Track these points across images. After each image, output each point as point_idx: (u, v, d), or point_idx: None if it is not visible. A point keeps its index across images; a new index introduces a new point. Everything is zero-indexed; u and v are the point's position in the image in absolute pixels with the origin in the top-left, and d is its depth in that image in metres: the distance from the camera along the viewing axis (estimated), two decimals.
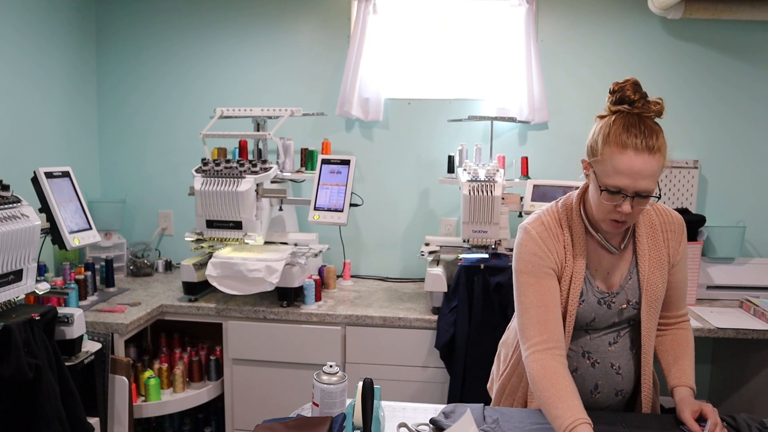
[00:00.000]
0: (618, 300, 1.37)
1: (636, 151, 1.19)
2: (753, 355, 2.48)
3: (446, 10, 2.86)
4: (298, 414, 1.37)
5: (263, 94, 2.94)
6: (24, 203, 1.71)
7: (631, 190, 1.20)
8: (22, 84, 2.53)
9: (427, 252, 2.46)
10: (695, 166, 2.73)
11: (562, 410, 1.20)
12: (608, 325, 1.39)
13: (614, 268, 1.37)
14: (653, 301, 1.36)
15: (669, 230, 1.38)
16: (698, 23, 2.68)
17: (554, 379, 1.25)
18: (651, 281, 1.35)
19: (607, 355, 1.39)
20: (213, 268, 2.30)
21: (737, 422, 1.31)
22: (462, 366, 2.20)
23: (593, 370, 1.39)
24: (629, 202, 1.22)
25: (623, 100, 1.25)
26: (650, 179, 1.20)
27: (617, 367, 1.39)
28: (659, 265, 1.36)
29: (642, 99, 1.24)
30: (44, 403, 1.61)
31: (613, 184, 1.21)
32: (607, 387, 1.39)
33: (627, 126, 1.21)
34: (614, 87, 1.29)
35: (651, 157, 1.19)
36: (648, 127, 1.21)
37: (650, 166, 1.19)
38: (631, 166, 1.19)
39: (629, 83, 1.26)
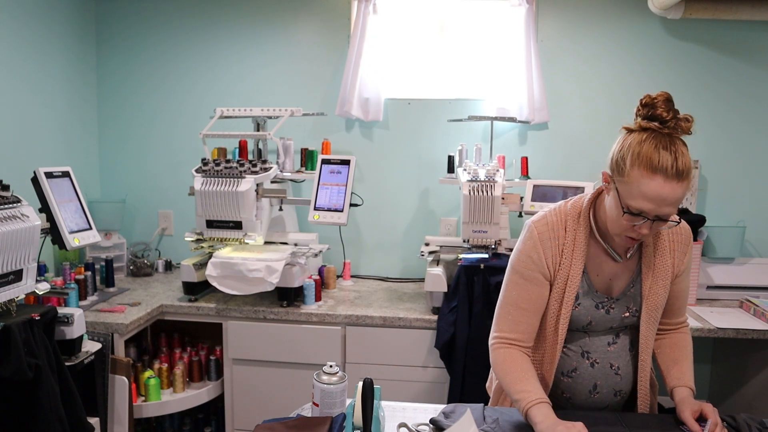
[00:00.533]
0: (618, 306, 1.37)
1: (666, 178, 1.15)
2: (753, 355, 2.48)
3: (446, 10, 2.86)
4: (298, 414, 1.37)
5: (263, 94, 2.94)
6: (24, 203, 1.71)
7: (654, 214, 1.19)
8: (22, 84, 2.53)
9: (427, 252, 2.46)
10: (695, 166, 2.72)
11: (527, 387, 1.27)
12: (605, 329, 1.39)
13: (617, 275, 1.37)
14: (653, 311, 1.36)
15: (676, 240, 1.37)
16: (698, 23, 2.68)
17: (517, 364, 1.33)
18: (653, 292, 1.35)
19: (606, 355, 1.39)
20: (213, 268, 2.30)
21: (737, 422, 1.31)
22: (462, 366, 2.20)
23: (592, 370, 1.39)
24: (649, 224, 1.20)
25: (655, 118, 1.20)
26: (674, 206, 1.18)
27: (616, 367, 1.39)
28: (663, 276, 1.35)
29: (674, 118, 1.19)
30: (44, 403, 1.61)
31: (636, 207, 1.19)
32: (606, 387, 1.39)
33: (658, 148, 1.16)
34: (646, 100, 1.22)
35: (679, 184, 1.16)
36: (679, 150, 1.17)
37: (677, 194, 1.16)
38: (660, 194, 1.16)
39: (662, 99, 1.20)
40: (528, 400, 1.24)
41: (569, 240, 1.33)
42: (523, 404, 1.25)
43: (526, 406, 1.24)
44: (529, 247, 1.35)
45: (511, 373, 1.32)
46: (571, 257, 1.33)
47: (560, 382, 1.41)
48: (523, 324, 1.35)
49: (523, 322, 1.35)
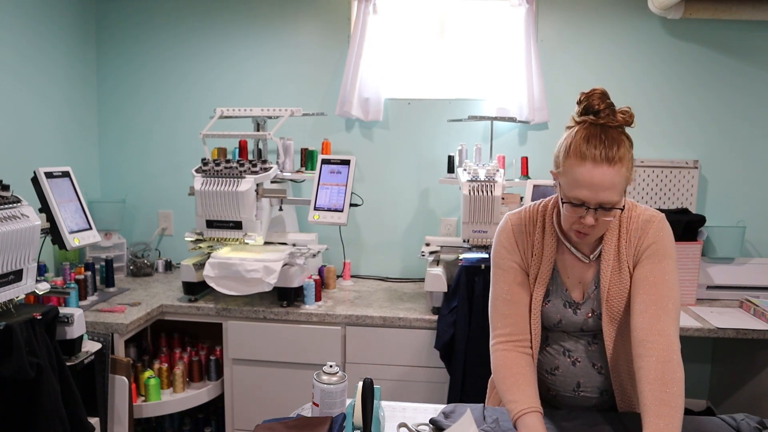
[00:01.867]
0: (583, 309, 1.35)
1: (594, 162, 1.18)
2: (753, 355, 2.48)
3: (446, 10, 2.86)
4: (298, 414, 1.37)
5: (263, 94, 2.94)
6: (24, 203, 1.71)
7: (594, 202, 1.20)
8: (22, 84, 2.53)
9: (428, 252, 2.46)
10: (695, 166, 2.73)
11: (518, 396, 1.25)
12: (578, 330, 1.37)
13: (584, 277, 1.36)
14: (614, 313, 1.32)
15: (634, 228, 1.31)
16: (698, 23, 2.68)
17: (514, 369, 1.30)
18: (611, 295, 1.31)
19: (588, 354, 1.37)
20: (211, 269, 2.30)
21: (737, 422, 1.31)
22: (462, 366, 2.20)
23: (574, 368, 1.37)
24: (592, 214, 1.21)
25: (588, 110, 1.25)
26: (611, 191, 1.19)
27: (599, 366, 1.37)
28: (620, 277, 1.31)
29: (607, 109, 1.23)
30: (45, 402, 1.62)
31: (574, 196, 1.21)
32: (590, 385, 1.37)
33: (588, 137, 1.20)
34: (581, 97, 1.27)
35: (610, 168, 1.18)
36: (610, 137, 1.19)
37: (609, 178, 1.18)
38: (591, 179, 1.18)
39: (596, 93, 1.25)
40: (515, 411, 1.23)
41: (538, 239, 1.36)
42: (512, 415, 1.24)
43: (514, 417, 1.23)
44: (504, 238, 1.39)
45: (503, 382, 1.31)
46: (540, 256, 1.35)
47: (545, 379, 1.41)
48: (513, 316, 1.36)
49: (513, 314, 1.36)
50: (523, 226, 1.37)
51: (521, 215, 1.39)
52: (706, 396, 2.88)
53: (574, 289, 1.37)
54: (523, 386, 1.27)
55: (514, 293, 1.36)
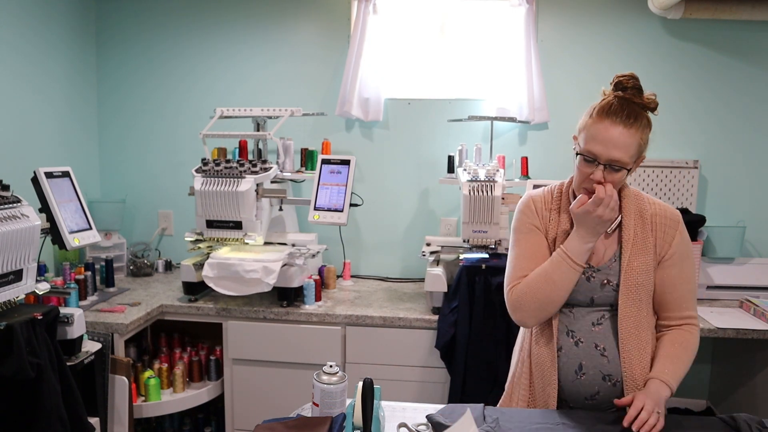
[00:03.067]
0: (598, 276, 1.42)
1: (613, 122, 1.32)
2: (753, 355, 2.48)
3: (446, 10, 2.86)
4: (298, 414, 1.37)
5: (263, 94, 2.94)
6: (24, 203, 1.71)
7: (604, 157, 1.32)
8: (22, 84, 2.53)
9: (428, 252, 2.46)
10: (695, 166, 2.73)
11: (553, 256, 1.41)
12: (587, 300, 1.42)
13: (600, 247, 1.44)
14: (632, 287, 1.39)
15: (659, 222, 1.42)
16: (698, 23, 2.68)
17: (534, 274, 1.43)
18: (632, 267, 1.39)
19: (591, 335, 1.41)
20: (210, 269, 2.30)
21: (737, 422, 1.31)
22: (463, 366, 2.20)
23: (576, 349, 1.41)
24: (601, 170, 1.33)
25: (617, 87, 1.38)
26: (622, 150, 1.31)
27: (602, 348, 1.40)
28: (643, 252, 1.40)
29: (635, 88, 1.36)
30: (46, 402, 1.61)
31: (588, 150, 1.34)
32: (592, 368, 1.40)
33: (611, 104, 1.34)
34: (615, 79, 1.40)
35: (625, 130, 1.31)
36: (631, 108, 1.33)
37: (623, 138, 1.31)
38: (606, 135, 1.31)
39: (628, 74, 1.38)
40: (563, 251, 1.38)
41: (555, 207, 1.48)
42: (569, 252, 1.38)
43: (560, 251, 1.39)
44: (524, 207, 1.51)
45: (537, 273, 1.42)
46: (557, 221, 1.46)
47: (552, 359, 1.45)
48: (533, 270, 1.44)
49: (532, 268, 1.44)
50: (541, 198, 1.50)
51: (542, 191, 1.52)
52: (706, 396, 2.88)
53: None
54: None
55: (535, 250, 1.46)
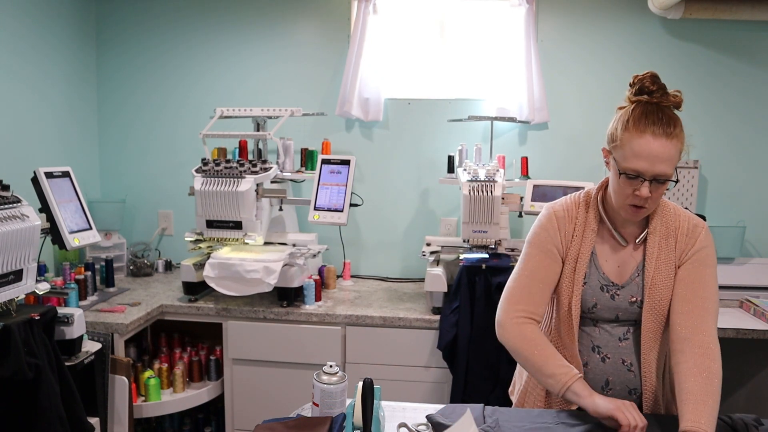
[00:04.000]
0: (623, 294, 1.38)
1: (654, 135, 1.24)
2: (753, 355, 2.48)
3: (446, 10, 2.86)
4: (298, 414, 1.37)
5: (263, 94, 2.94)
6: (24, 203, 1.71)
7: (650, 173, 1.25)
8: (22, 85, 2.53)
9: (429, 252, 2.46)
10: (695, 166, 2.72)
11: (557, 368, 1.30)
12: (612, 317, 1.39)
13: (625, 262, 1.40)
14: (656, 303, 1.36)
15: (682, 232, 1.38)
16: (698, 23, 2.68)
17: (539, 343, 1.35)
18: (655, 282, 1.36)
19: (618, 350, 1.39)
20: (210, 269, 2.29)
21: (733, 421, 1.31)
22: (465, 367, 2.19)
23: (603, 365, 1.39)
24: (647, 186, 1.26)
25: (642, 91, 1.31)
26: (667, 163, 1.25)
27: (629, 363, 1.38)
28: (666, 267, 1.36)
29: (660, 90, 1.31)
30: (44, 403, 1.61)
31: (631, 168, 1.26)
32: (619, 384, 1.38)
33: (646, 113, 1.27)
34: (634, 80, 1.34)
35: (668, 141, 1.24)
36: (666, 115, 1.27)
37: (668, 150, 1.24)
38: (650, 150, 1.24)
39: (648, 75, 1.32)
40: (570, 375, 1.28)
41: (581, 221, 1.41)
42: (565, 379, 1.28)
43: (569, 381, 1.28)
44: (546, 222, 1.43)
45: (541, 349, 1.34)
46: (581, 236, 1.40)
47: None
48: (537, 296, 1.40)
49: (538, 293, 1.40)
50: (566, 212, 1.43)
51: (564, 203, 1.45)
52: None
53: (611, 273, 1.40)
54: (558, 357, 1.33)
55: (545, 274, 1.40)
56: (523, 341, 1.36)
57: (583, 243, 1.40)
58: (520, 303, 1.40)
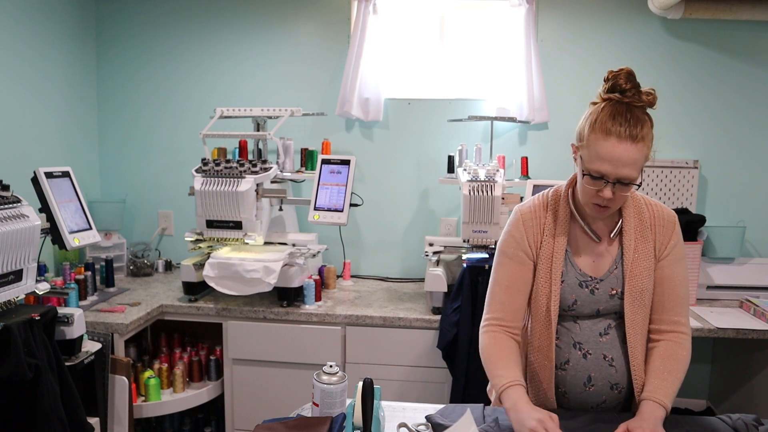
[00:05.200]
0: (602, 287, 1.38)
1: (619, 138, 1.23)
2: (753, 355, 2.48)
3: (446, 10, 2.86)
4: (298, 414, 1.37)
5: (263, 94, 2.94)
6: (24, 203, 1.71)
7: (613, 176, 1.25)
8: (22, 85, 2.53)
9: (431, 252, 2.46)
10: (695, 166, 2.72)
11: (502, 372, 1.32)
12: (592, 312, 1.39)
13: (601, 256, 1.40)
14: (637, 293, 1.36)
15: (658, 224, 1.39)
16: (698, 23, 2.68)
17: (501, 347, 1.38)
18: (635, 273, 1.36)
19: (599, 346, 1.38)
20: (210, 269, 2.30)
21: (733, 421, 1.31)
22: (465, 367, 2.19)
23: (585, 361, 1.38)
24: (610, 188, 1.26)
25: (615, 89, 1.29)
26: (632, 167, 1.24)
27: (610, 358, 1.38)
28: (645, 257, 1.37)
29: (633, 89, 1.27)
30: (44, 403, 1.61)
31: (595, 170, 1.26)
32: (601, 380, 1.38)
33: (614, 114, 1.25)
34: (608, 75, 1.31)
35: (633, 145, 1.23)
36: (635, 116, 1.25)
37: (632, 155, 1.23)
38: (613, 153, 1.23)
39: (623, 72, 1.29)
40: (500, 385, 1.29)
41: (550, 220, 1.41)
42: (497, 388, 1.30)
43: (499, 390, 1.29)
44: (513, 227, 1.43)
45: (490, 358, 1.37)
46: (553, 235, 1.39)
47: (556, 375, 1.41)
48: (509, 303, 1.41)
49: (508, 301, 1.41)
50: (533, 213, 1.42)
51: (531, 204, 1.45)
52: (706, 396, 2.88)
53: (587, 268, 1.40)
54: (509, 363, 1.34)
55: (515, 281, 1.41)
56: (483, 348, 1.40)
57: (555, 241, 1.39)
58: (490, 312, 1.43)
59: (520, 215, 1.43)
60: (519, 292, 1.41)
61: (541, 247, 1.40)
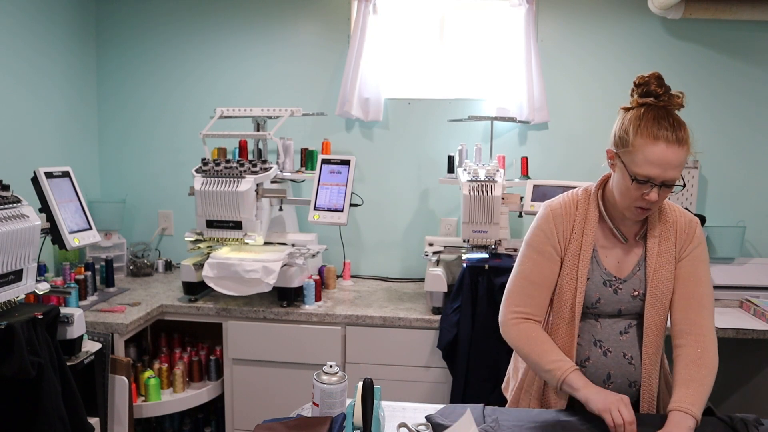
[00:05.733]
0: (625, 288, 1.40)
1: (668, 143, 1.26)
2: (753, 355, 2.48)
3: (446, 10, 2.86)
4: (298, 414, 1.37)
5: (263, 94, 2.94)
6: (24, 203, 1.71)
7: (660, 179, 1.27)
8: (22, 85, 2.53)
9: (431, 252, 2.46)
10: (695, 166, 2.73)
11: (555, 357, 1.35)
12: (615, 312, 1.41)
13: (626, 257, 1.42)
14: (658, 296, 1.38)
15: (680, 228, 1.41)
16: (698, 23, 2.68)
17: (543, 337, 1.40)
18: (657, 276, 1.38)
19: (619, 344, 1.41)
20: (210, 269, 2.30)
21: (733, 421, 1.31)
22: (465, 367, 2.19)
23: (605, 359, 1.40)
24: (657, 190, 1.29)
25: (649, 94, 1.32)
26: (678, 169, 1.28)
27: (630, 357, 1.40)
28: (667, 260, 1.39)
29: (666, 93, 1.33)
30: (46, 401, 1.61)
31: (643, 174, 1.28)
32: (620, 377, 1.40)
33: (657, 119, 1.28)
34: (639, 80, 1.35)
35: (680, 148, 1.27)
36: (676, 120, 1.29)
37: (679, 157, 1.27)
38: (664, 158, 1.26)
39: (653, 77, 1.33)
40: (564, 369, 1.33)
41: (580, 218, 1.42)
42: (560, 373, 1.33)
43: (563, 374, 1.32)
44: (542, 222, 1.45)
45: (539, 345, 1.38)
46: (581, 233, 1.41)
47: None
48: (536, 298, 1.43)
49: (536, 296, 1.43)
50: (563, 209, 1.44)
51: (562, 201, 1.46)
52: None
53: (612, 268, 1.42)
54: (556, 352, 1.37)
55: (543, 276, 1.43)
56: (522, 339, 1.41)
57: (584, 240, 1.41)
58: (518, 305, 1.43)
59: (550, 210, 1.44)
60: (545, 287, 1.43)
61: (570, 244, 1.41)
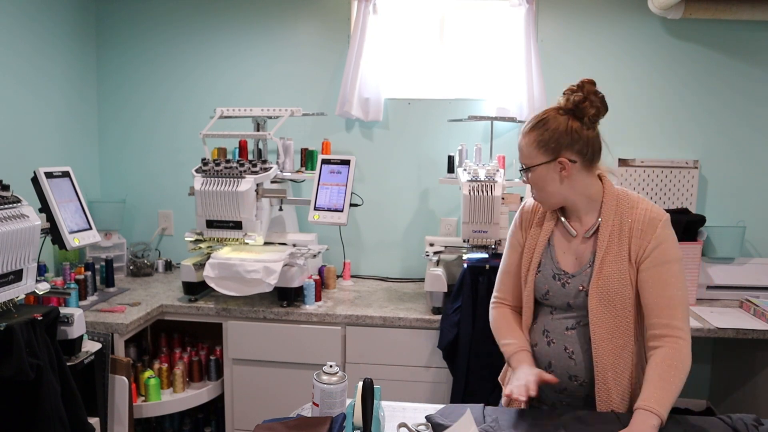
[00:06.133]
0: (573, 282, 1.43)
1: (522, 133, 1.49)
2: (753, 355, 2.48)
3: (446, 10, 2.86)
4: (298, 414, 1.37)
5: (264, 94, 2.94)
6: (24, 203, 1.71)
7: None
8: (22, 85, 2.53)
9: (432, 252, 2.46)
10: (695, 166, 2.73)
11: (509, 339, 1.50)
12: (563, 305, 1.45)
13: (581, 253, 1.45)
14: (603, 293, 1.37)
15: (636, 227, 1.37)
16: (698, 23, 2.68)
17: (507, 319, 1.56)
18: (602, 273, 1.38)
19: (563, 337, 1.45)
20: (211, 269, 2.30)
21: (733, 421, 1.31)
22: (465, 367, 2.19)
23: (548, 348, 1.46)
24: (523, 174, 1.48)
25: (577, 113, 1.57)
26: (522, 155, 1.48)
27: (570, 351, 1.43)
28: (617, 260, 1.38)
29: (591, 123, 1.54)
30: (45, 403, 1.61)
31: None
32: (560, 368, 1.44)
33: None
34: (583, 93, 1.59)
35: (522, 138, 1.49)
36: (539, 117, 1.52)
37: (522, 143, 1.49)
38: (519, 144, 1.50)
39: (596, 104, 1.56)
40: (514, 348, 1.47)
41: (541, 213, 1.53)
42: (509, 350, 1.48)
43: (509, 354, 1.47)
44: (516, 218, 1.59)
45: (499, 329, 1.55)
46: (540, 227, 1.51)
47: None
48: (507, 285, 1.57)
49: (508, 283, 1.57)
50: (531, 206, 1.55)
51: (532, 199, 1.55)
52: (706, 396, 2.88)
53: (566, 262, 1.46)
54: (514, 332, 1.52)
55: (512, 266, 1.56)
56: (494, 320, 1.59)
57: (541, 234, 1.50)
58: (497, 291, 1.61)
59: (522, 207, 1.58)
60: (515, 276, 1.55)
61: (528, 238, 1.52)
